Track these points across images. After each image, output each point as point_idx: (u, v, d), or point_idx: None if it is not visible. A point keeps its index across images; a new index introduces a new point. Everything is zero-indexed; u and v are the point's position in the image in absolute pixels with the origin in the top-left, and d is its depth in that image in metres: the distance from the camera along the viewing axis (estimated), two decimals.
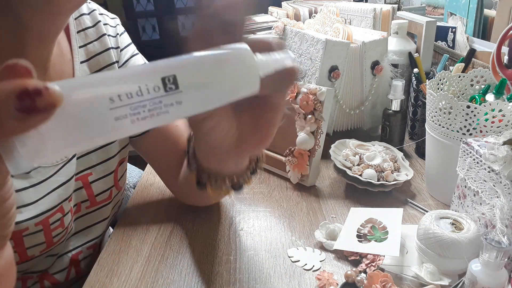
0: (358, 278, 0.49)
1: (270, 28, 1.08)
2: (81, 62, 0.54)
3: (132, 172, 0.89)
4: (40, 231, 0.50)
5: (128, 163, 0.76)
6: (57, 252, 0.56)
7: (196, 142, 0.41)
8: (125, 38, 0.62)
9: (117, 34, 0.60)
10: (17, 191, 0.47)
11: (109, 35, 0.58)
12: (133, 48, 0.63)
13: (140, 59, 0.63)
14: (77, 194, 0.56)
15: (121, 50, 0.60)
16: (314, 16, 0.94)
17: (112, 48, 0.58)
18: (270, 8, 1.28)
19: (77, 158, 0.55)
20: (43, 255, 0.53)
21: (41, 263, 0.55)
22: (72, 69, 0.53)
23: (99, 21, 0.57)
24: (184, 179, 0.57)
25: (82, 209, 0.58)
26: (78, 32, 0.55)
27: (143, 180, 0.80)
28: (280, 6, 1.28)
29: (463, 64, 0.75)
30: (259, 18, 1.18)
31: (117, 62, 0.59)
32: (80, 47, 0.55)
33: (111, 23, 0.60)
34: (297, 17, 1.15)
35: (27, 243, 0.49)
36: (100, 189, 0.59)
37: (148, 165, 0.82)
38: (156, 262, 0.57)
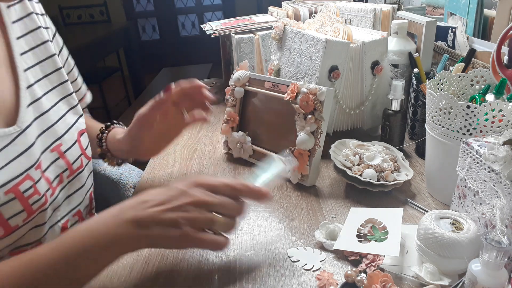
0: (358, 278, 0.49)
1: (270, 28, 1.08)
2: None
3: (132, 172, 0.89)
4: (14, 199, 0.51)
5: (128, 164, 0.80)
6: (44, 222, 0.57)
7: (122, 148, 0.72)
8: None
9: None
10: None
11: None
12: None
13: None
14: (56, 165, 0.60)
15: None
16: (314, 16, 0.94)
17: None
18: (270, 8, 1.28)
19: (43, 131, 0.58)
20: (27, 224, 0.53)
21: (31, 235, 0.55)
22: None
23: None
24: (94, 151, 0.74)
25: (64, 179, 0.61)
26: None
27: (143, 180, 0.81)
28: (280, 6, 1.28)
29: (463, 64, 0.75)
30: (259, 18, 1.18)
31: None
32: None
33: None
34: (297, 17, 1.15)
35: (5, 213, 0.50)
36: (74, 156, 0.63)
37: (147, 165, 0.86)
38: (156, 262, 0.57)
